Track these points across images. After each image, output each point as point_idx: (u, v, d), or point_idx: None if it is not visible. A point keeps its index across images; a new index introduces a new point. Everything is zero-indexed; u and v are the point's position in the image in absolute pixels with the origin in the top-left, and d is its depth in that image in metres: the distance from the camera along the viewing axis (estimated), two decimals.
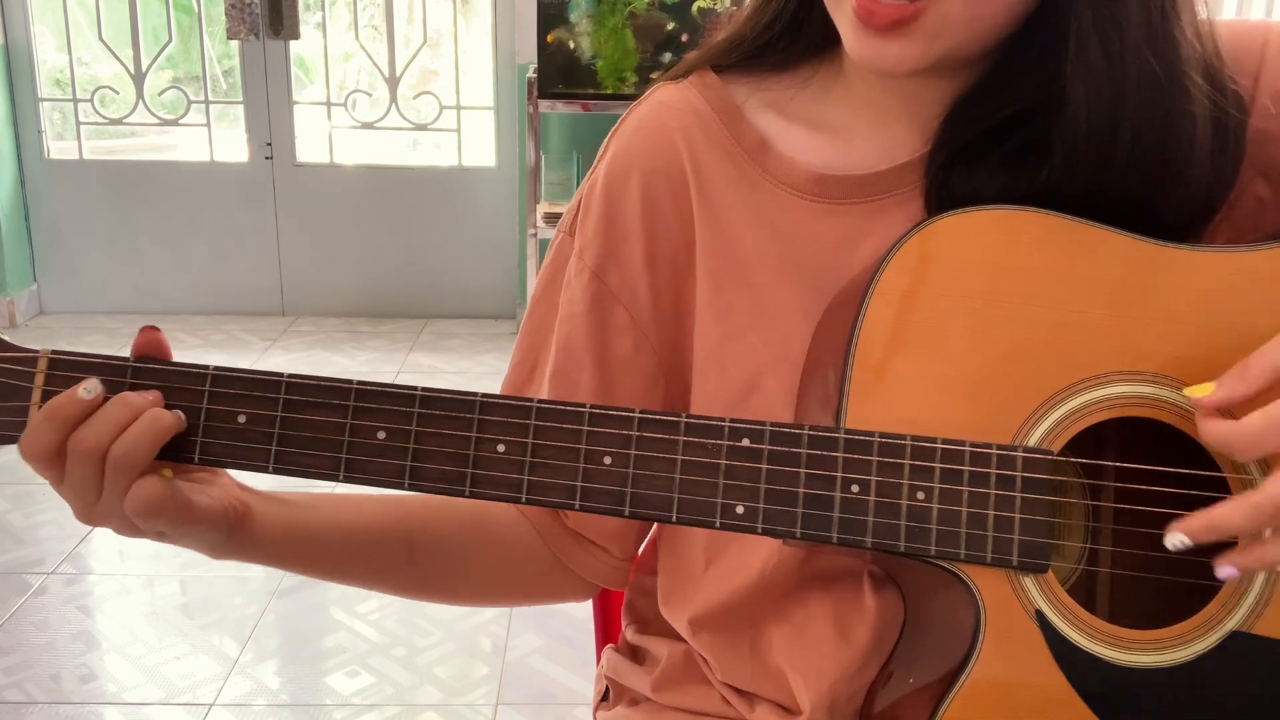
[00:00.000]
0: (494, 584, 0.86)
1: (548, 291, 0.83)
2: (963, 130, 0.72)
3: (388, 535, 0.79)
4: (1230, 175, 0.70)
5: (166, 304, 4.20)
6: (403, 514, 0.80)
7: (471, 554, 0.82)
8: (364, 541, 0.79)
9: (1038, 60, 0.68)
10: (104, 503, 0.64)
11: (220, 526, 0.68)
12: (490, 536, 0.82)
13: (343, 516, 0.78)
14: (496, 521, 0.82)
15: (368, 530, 0.79)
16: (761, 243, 0.76)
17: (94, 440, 0.62)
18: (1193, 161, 0.68)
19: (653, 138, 0.79)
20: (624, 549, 0.83)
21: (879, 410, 0.64)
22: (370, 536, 0.79)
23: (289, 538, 0.75)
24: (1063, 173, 0.67)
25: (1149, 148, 0.67)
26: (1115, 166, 0.67)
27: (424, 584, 0.84)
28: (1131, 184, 0.67)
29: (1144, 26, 0.66)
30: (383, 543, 0.79)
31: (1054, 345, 0.65)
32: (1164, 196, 0.68)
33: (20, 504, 2.81)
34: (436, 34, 4.13)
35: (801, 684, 0.77)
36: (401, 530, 0.80)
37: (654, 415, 0.64)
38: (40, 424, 0.63)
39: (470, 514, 0.82)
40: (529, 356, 0.84)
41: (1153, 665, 0.64)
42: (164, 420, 0.63)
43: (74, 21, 4.00)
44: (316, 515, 0.76)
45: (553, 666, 2.21)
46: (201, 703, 2.07)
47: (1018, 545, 0.63)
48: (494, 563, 0.83)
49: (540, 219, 3.60)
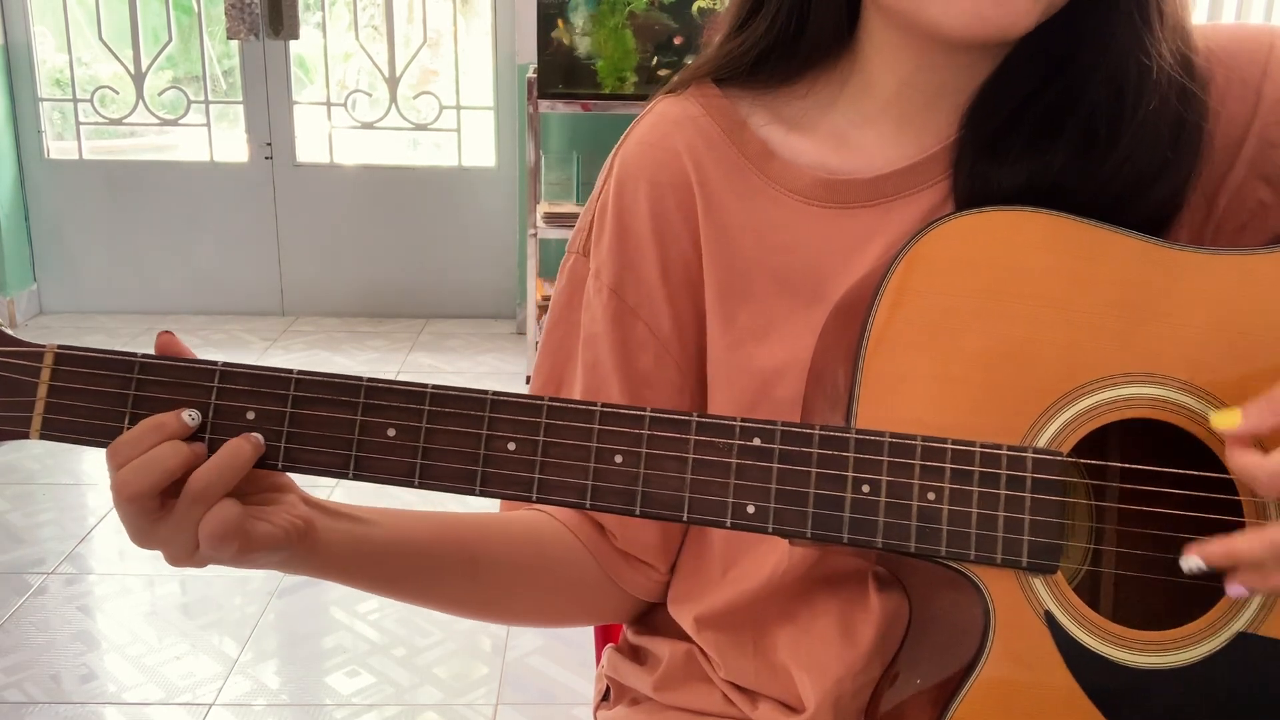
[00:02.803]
0: (547, 603, 0.86)
1: (565, 313, 0.83)
2: (992, 115, 0.71)
3: (450, 552, 0.79)
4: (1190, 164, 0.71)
5: (166, 304, 4.20)
6: (464, 531, 0.80)
7: (528, 573, 0.83)
8: (427, 558, 0.79)
9: (1048, 39, 0.69)
10: (171, 528, 0.63)
11: (282, 548, 0.67)
12: (545, 556, 0.83)
13: (406, 532, 0.77)
14: (551, 542, 0.82)
15: (431, 546, 0.79)
16: (765, 252, 0.76)
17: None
18: (1189, 145, 0.69)
19: (656, 151, 0.79)
20: (666, 563, 0.84)
21: (889, 411, 0.64)
22: (433, 553, 0.79)
23: (354, 554, 0.74)
24: (1081, 154, 0.68)
25: (1160, 127, 0.68)
26: (1131, 145, 0.68)
27: (485, 602, 0.84)
28: (1136, 165, 0.68)
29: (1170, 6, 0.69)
30: (445, 559, 0.79)
31: (1063, 346, 0.65)
32: (1156, 182, 0.69)
33: (20, 504, 2.81)
34: (436, 34, 4.13)
35: (806, 681, 0.77)
36: (464, 547, 0.80)
37: (665, 414, 0.64)
38: (151, 463, 0.62)
39: (526, 534, 0.82)
40: (552, 379, 0.84)
41: (1161, 666, 0.64)
42: (244, 453, 0.63)
43: (74, 21, 3.99)
44: (380, 531, 0.76)
45: (553, 666, 2.21)
46: (201, 703, 2.07)
47: (1027, 546, 0.63)
48: (549, 583, 0.84)
49: (540, 219, 3.60)
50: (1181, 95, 0.69)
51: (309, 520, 0.69)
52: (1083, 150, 0.69)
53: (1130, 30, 0.68)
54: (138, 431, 0.62)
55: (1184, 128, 0.69)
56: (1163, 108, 0.69)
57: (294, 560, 0.70)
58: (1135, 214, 0.68)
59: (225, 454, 0.62)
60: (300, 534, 0.68)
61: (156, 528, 0.63)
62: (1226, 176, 0.73)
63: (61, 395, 0.64)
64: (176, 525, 0.62)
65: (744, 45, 0.78)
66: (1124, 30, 0.68)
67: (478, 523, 0.81)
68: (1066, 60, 0.69)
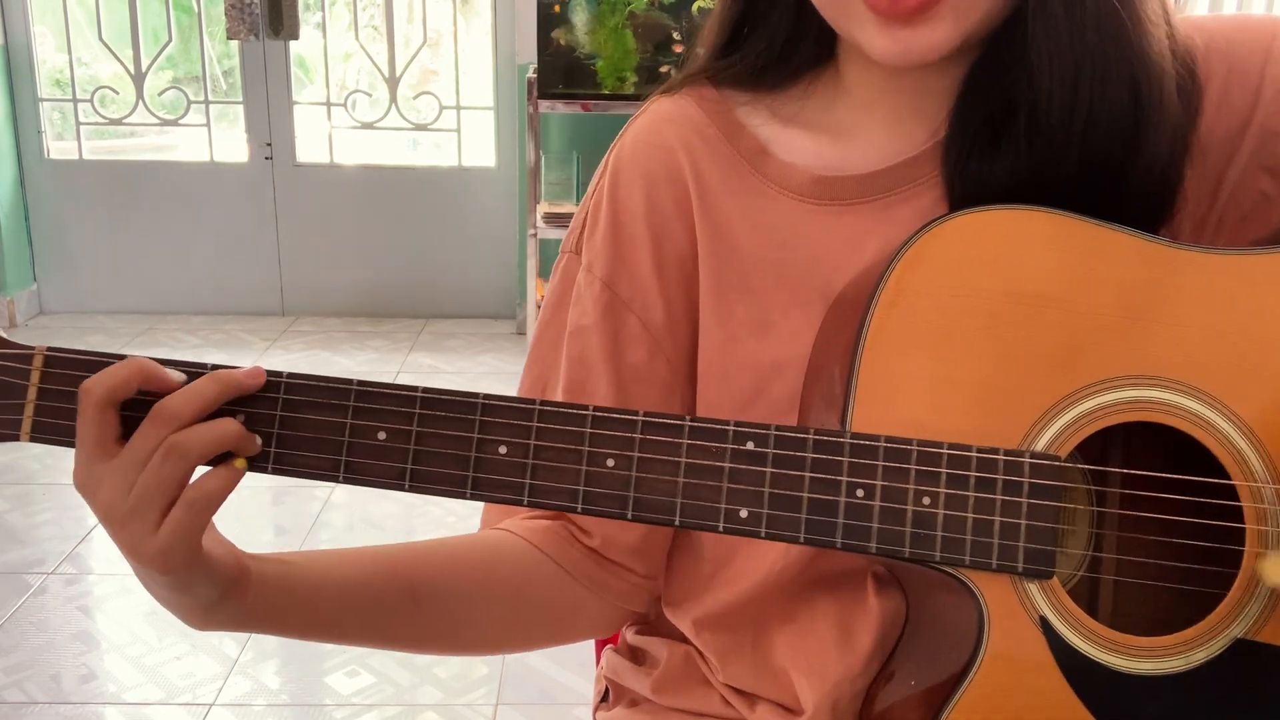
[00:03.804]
0: (508, 628, 0.82)
1: (556, 313, 0.82)
2: (977, 111, 0.71)
3: (387, 585, 0.76)
4: (1181, 151, 0.69)
5: (166, 304, 4.19)
6: (400, 562, 0.77)
7: (481, 599, 0.79)
8: (362, 595, 0.75)
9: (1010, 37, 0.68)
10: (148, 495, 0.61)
11: (221, 580, 0.66)
12: (501, 578, 0.79)
13: (336, 570, 0.75)
14: (506, 561, 0.79)
15: (364, 581, 0.75)
16: (762, 248, 0.76)
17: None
18: (1154, 124, 0.67)
19: (652, 149, 0.79)
20: (647, 565, 0.82)
21: (885, 412, 0.64)
22: (369, 587, 0.75)
23: (284, 594, 0.71)
24: (1036, 142, 0.67)
25: (1111, 108, 0.66)
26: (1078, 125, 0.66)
27: (433, 636, 0.79)
28: (1096, 148, 0.67)
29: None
30: (382, 593, 0.75)
31: (1063, 348, 0.64)
32: (1129, 168, 0.67)
33: (20, 504, 2.81)
34: (436, 34, 4.12)
35: (805, 684, 0.77)
36: (400, 578, 0.76)
37: (658, 418, 0.63)
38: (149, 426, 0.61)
39: (478, 557, 0.79)
40: (540, 380, 0.83)
41: (1157, 672, 0.63)
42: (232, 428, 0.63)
43: (74, 21, 3.99)
44: (312, 569, 0.73)
45: (552, 666, 2.21)
46: (201, 703, 2.07)
47: (1023, 552, 0.62)
48: (507, 606, 0.80)
49: (540, 219, 3.60)
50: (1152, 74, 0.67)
51: (243, 564, 0.68)
52: (1037, 145, 0.67)
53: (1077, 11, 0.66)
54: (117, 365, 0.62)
55: (1140, 101, 0.67)
56: (1114, 89, 0.66)
57: (222, 604, 0.67)
58: (1125, 203, 0.67)
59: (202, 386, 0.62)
60: (238, 572, 0.67)
61: (112, 460, 0.62)
62: (1228, 168, 0.73)
63: (51, 398, 0.64)
64: (131, 461, 0.61)
65: (742, 62, 0.79)
66: (1070, 12, 0.66)
67: (417, 551, 0.78)
68: (1021, 55, 0.67)
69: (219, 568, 0.65)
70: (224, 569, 0.66)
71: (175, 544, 0.61)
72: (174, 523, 0.61)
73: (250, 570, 0.69)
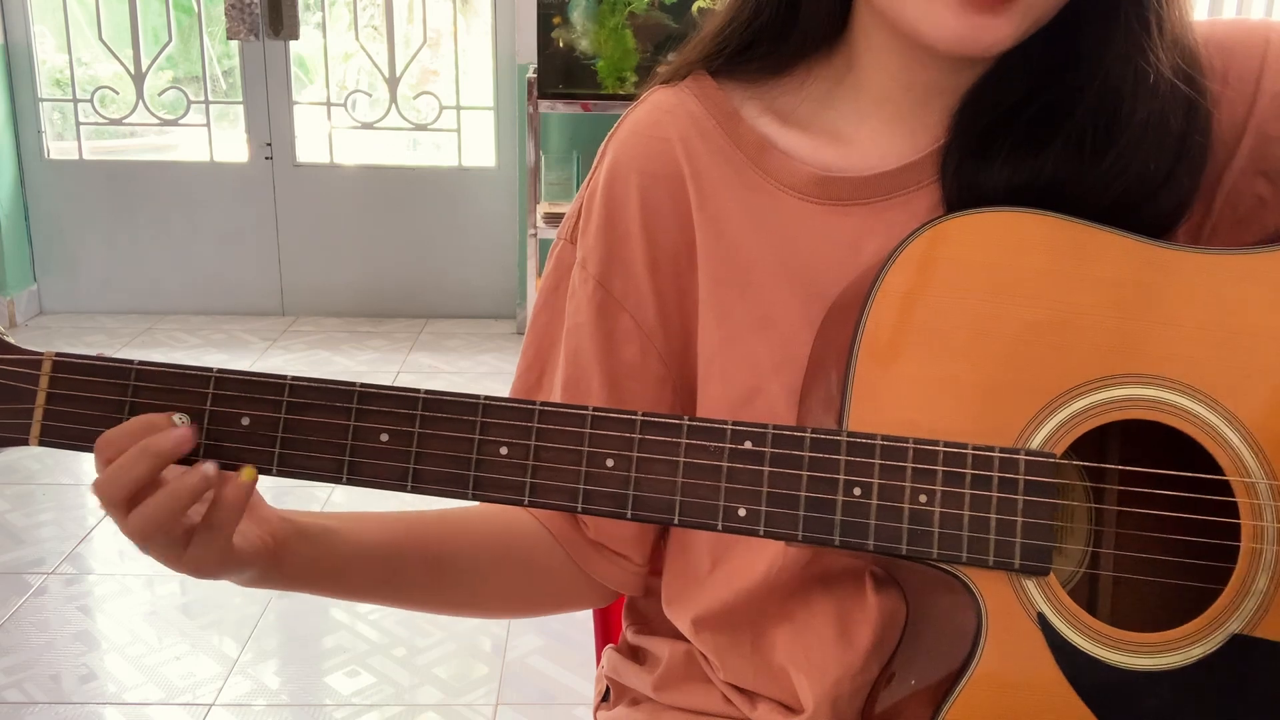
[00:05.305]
0: (519, 595, 0.87)
1: (551, 299, 0.83)
2: (980, 118, 0.72)
3: (410, 554, 0.81)
4: (1197, 177, 0.71)
5: (166, 304, 4.20)
6: (427, 531, 0.82)
7: (496, 567, 0.84)
8: (391, 565, 0.80)
9: (1046, 43, 0.69)
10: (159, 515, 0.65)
11: (254, 567, 0.70)
12: (514, 549, 0.83)
13: (368, 542, 0.79)
14: (520, 534, 0.83)
15: (394, 553, 0.80)
16: (762, 245, 0.76)
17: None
18: (1185, 153, 0.69)
19: (649, 142, 0.79)
20: (642, 555, 0.84)
21: (882, 412, 0.64)
22: (397, 558, 0.80)
23: (316, 571, 0.76)
24: (1072, 161, 0.68)
25: (1160, 136, 0.68)
26: (1124, 153, 0.68)
27: (452, 599, 0.86)
28: (1134, 173, 0.68)
29: (1171, 19, 0.69)
30: (409, 563, 0.81)
31: (1058, 347, 0.65)
32: (1159, 190, 0.69)
33: (20, 504, 2.81)
34: (436, 34, 4.13)
35: (805, 682, 0.77)
36: (427, 549, 0.81)
37: (656, 418, 0.64)
38: (135, 458, 0.63)
39: (495, 528, 0.83)
40: (535, 364, 0.84)
41: (1155, 668, 0.64)
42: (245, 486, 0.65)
43: (74, 21, 3.99)
44: (343, 543, 0.78)
45: (553, 666, 2.21)
46: (201, 703, 2.07)
47: (1020, 548, 0.63)
48: (518, 575, 0.85)
49: (540, 219, 3.60)
50: (1189, 110, 0.69)
51: (278, 538, 0.72)
52: (1074, 157, 0.69)
53: (1129, 39, 0.68)
54: (127, 426, 0.64)
55: (1188, 141, 0.69)
56: (1163, 118, 0.68)
57: (257, 581, 0.73)
58: (1134, 222, 0.68)
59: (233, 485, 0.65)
60: (271, 554, 0.71)
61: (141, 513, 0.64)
62: (1224, 172, 0.73)
63: (60, 402, 0.65)
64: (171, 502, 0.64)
65: (733, 27, 0.78)
66: (1121, 38, 0.68)
67: (440, 520, 0.83)
68: (1063, 67, 0.69)
69: (251, 558, 0.69)
70: (256, 559, 0.70)
71: (205, 555, 0.66)
72: (199, 545, 0.66)
73: (283, 552, 0.73)
